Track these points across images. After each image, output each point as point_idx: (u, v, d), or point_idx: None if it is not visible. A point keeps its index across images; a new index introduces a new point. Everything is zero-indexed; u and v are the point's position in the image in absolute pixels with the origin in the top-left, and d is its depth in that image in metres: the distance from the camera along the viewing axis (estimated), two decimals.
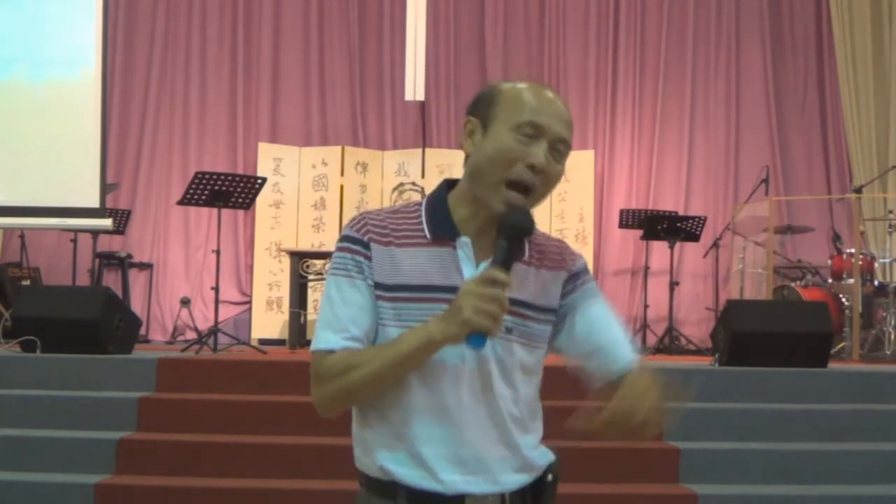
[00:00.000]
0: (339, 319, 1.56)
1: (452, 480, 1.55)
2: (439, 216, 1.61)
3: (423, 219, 1.61)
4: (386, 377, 1.53)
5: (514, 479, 1.59)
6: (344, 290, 1.57)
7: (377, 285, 1.57)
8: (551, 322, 1.64)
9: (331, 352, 1.56)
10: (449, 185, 1.67)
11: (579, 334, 1.65)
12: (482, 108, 1.60)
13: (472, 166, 1.59)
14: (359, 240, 1.59)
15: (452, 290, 1.49)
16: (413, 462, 1.55)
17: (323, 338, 1.57)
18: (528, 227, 1.54)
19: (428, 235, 1.59)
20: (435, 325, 1.48)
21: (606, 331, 1.67)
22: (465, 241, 1.58)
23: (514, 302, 1.54)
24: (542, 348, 1.64)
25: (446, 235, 1.59)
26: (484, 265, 1.54)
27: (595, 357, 1.66)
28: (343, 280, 1.58)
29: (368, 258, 1.58)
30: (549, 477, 1.63)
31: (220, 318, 6.73)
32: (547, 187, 1.57)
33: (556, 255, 1.66)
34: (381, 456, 1.57)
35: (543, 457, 1.65)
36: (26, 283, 7.58)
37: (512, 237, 1.51)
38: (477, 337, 1.46)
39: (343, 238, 1.61)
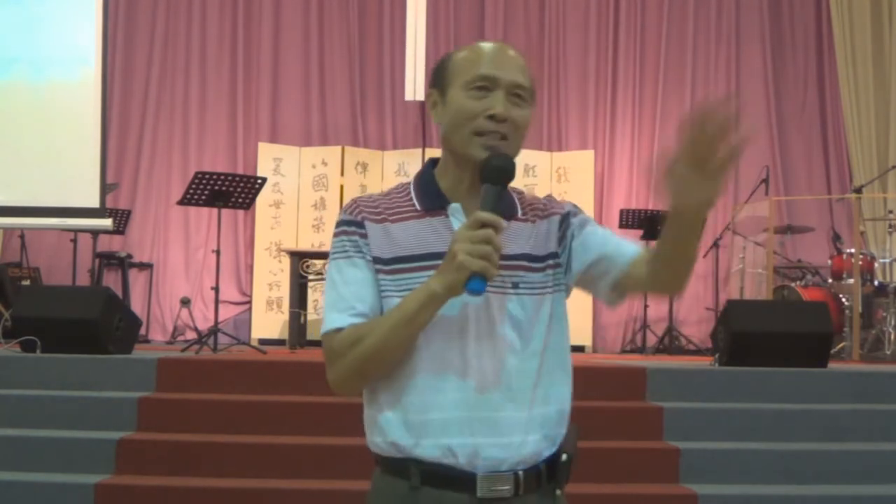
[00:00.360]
0: (344, 298, 1.58)
1: (463, 444, 1.52)
2: (427, 189, 1.64)
3: (413, 194, 1.65)
4: (395, 341, 1.53)
5: (529, 442, 1.55)
6: (344, 270, 1.60)
7: (376, 260, 1.59)
8: (555, 266, 1.63)
9: (339, 330, 1.58)
10: (434, 162, 1.70)
11: (584, 253, 1.64)
12: (438, 78, 1.64)
13: (443, 135, 1.63)
14: (353, 221, 1.62)
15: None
16: (421, 431, 1.54)
17: (330, 319, 1.60)
18: (508, 167, 1.55)
19: (419, 207, 1.62)
20: (434, 279, 1.49)
21: (606, 241, 1.66)
22: (455, 206, 1.61)
23: (515, 257, 1.57)
24: (556, 292, 1.63)
25: (436, 205, 1.62)
26: None
27: (602, 263, 1.64)
28: (342, 262, 1.60)
29: (364, 236, 1.60)
30: (564, 457, 1.60)
31: (220, 318, 6.73)
32: (517, 133, 1.59)
33: (544, 206, 1.68)
34: (391, 429, 1.57)
35: (560, 424, 1.61)
36: (26, 283, 7.58)
37: (495, 179, 1.53)
38: (476, 280, 1.45)
39: (338, 224, 1.64)
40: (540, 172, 8.46)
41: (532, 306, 1.59)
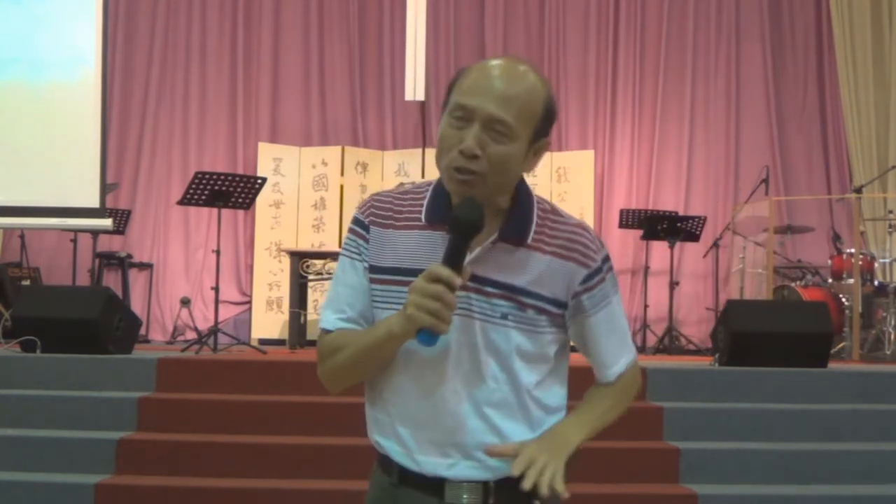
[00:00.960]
0: (337, 298, 1.62)
1: (429, 462, 1.55)
2: (439, 200, 1.59)
3: (425, 202, 1.61)
4: (364, 362, 1.57)
5: (500, 466, 1.55)
6: (346, 270, 1.63)
7: (372, 268, 1.60)
8: (554, 313, 1.57)
9: (328, 331, 1.62)
10: None
11: (579, 336, 1.66)
12: (446, 94, 1.58)
13: None
14: (361, 222, 1.62)
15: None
16: (396, 441, 1.59)
17: (323, 316, 1.64)
18: (470, 221, 1.46)
19: (423, 219, 1.59)
20: (396, 317, 1.50)
21: (596, 343, 1.66)
22: None
23: (509, 287, 1.54)
24: (547, 335, 1.58)
25: (440, 219, 1.56)
26: (479, 251, 1.52)
27: (592, 359, 1.70)
28: (346, 261, 1.63)
29: (367, 240, 1.61)
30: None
31: (220, 318, 6.73)
32: (493, 170, 1.48)
33: (570, 243, 1.58)
34: (375, 431, 1.64)
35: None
36: (26, 283, 7.58)
37: (457, 232, 1.47)
38: (425, 334, 1.45)
39: (352, 220, 1.66)
40: (540, 172, 8.45)
41: (518, 341, 1.55)
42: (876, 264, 7.40)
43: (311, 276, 7.02)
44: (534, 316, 1.55)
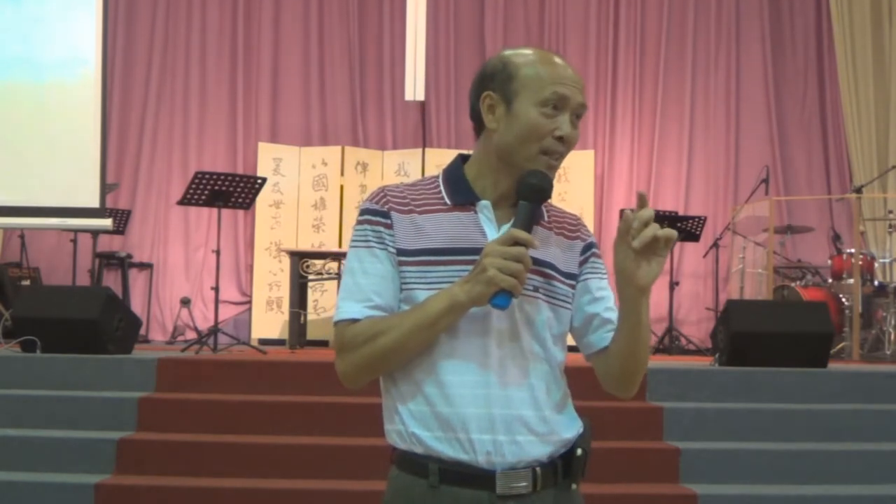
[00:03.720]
0: (362, 289, 1.58)
1: (482, 441, 1.53)
2: (458, 184, 1.65)
3: (442, 188, 1.65)
4: (413, 341, 1.53)
5: (545, 441, 1.58)
6: (365, 260, 1.59)
7: (400, 251, 1.58)
8: (572, 286, 1.67)
9: (354, 321, 1.57)
10: (463, 159, 1.70)
11: (582, 302, 1.69)
12: (500, 83, 1.62)
13: (500, 144, 1.61)
14: (378, 210, 1.61)
15: (477, 251, 1.52)
16: (441, 424, 1.54)
17: (345, 308, 1.58)
18: (548, 189, 1.59)
19: (448, 201, 1.63)
20: (459, 286, 1.50)
21: (600, 304, 1.70)
22: (485, 203, 1.62)
23: (539, 262, 1.59)
24: (567, 310, 1.66)
25: (466, 200, 1.63)
26: (506, 227, 1.57)
27: (591, 324, 1.69)
28: (363, 251, 1.60)
29: (389, 227, 1.60)
30: (579, 451, 1.62)
31: (220, 318, 6.73)
32: (569, 152, 1.64)
33: (572, 225, 1.73)
34: (411, 420, 1.56)
35: (571, 427, 1.64)
36: (26, 283, 7.58)
37: (532, 199, 1.57)
38: (502, 296, 1.49)
39: (362, 212, 1.63)
40: None
41: (547, 314, 1.61)
42: (876, 264, 7.40)
43: (311, 276, 7.02)
44: (559, 289, 1.64)
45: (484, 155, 1.65)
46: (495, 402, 1.54)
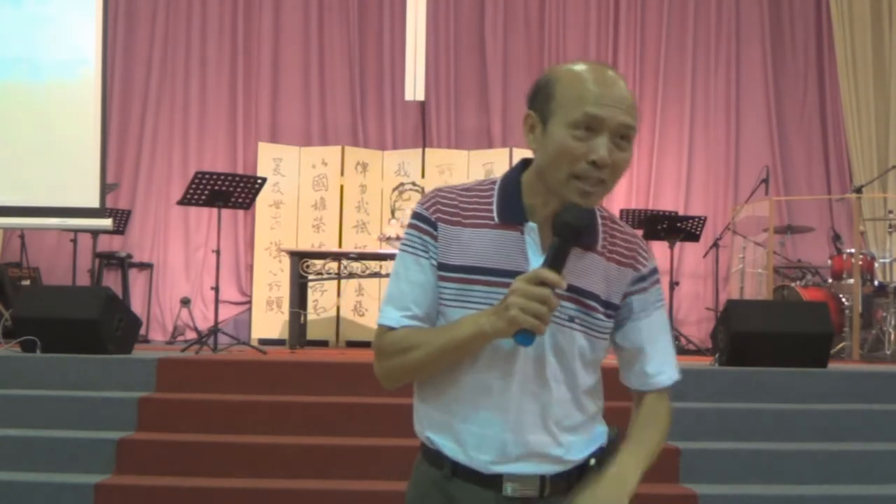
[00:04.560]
0: (403, 297, 1.60)
1: (487, 460, 1.57)
2: (510, 199, 1.60)
3: (495, 200, 1.61)
4: (440, 361, 1.57)
5: (550, 469, 1.59)
6: (410, 267, 1.60)
7: (441, 266, 1.58)
8: (612, 316, 1.63)
9: (391, 329, 1.60)
10: (525, 163, 1.64)
11: (628, 338, 1.67)
12: (540, 101, 1.56)
13: (537, 164, 1.58)
14: (427, 218, 1.60)
15: (517, 274, 1.50)
16: (453, 438, 1.59)
17: (386, 314, 1.61)
18: (582, 226, 1.51)
19: (496, 218, 1.59)
20: (486, 317, 1.50)
21: (646, 346, 1.68)
22: (531, 226, 1.58)
23: (579, 291, 1.57)
24: (604, 340, 1.63)
25: (514, 220, 1.59)
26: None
27: (632, 365, 1.70)
28: (409, 257, 1.61)
29: (435, 238, 1.59)
30: (592, 462, 1.62)
31: (220, 318, 6.73)
32: (616, 176, 1.53)
33: (626, 250, 1.64)
34: (429, 428, 1.63)
35: (589, 446, 1.64)
36: (26, 283, 7.58)
37: (565, 236, 1.50)
38: (524, 335, 1.47)
39: (414, 215, 1.63)
40: None
41: (581, 344, 1.59)
42: (876, 264, 7.40)
43: (311, 276, 7.02)
44: (597, 320, 1.60)
45: (534, 173, 1.60)
46: (509, 426, 1.57)
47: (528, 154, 1.62)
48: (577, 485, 1.60)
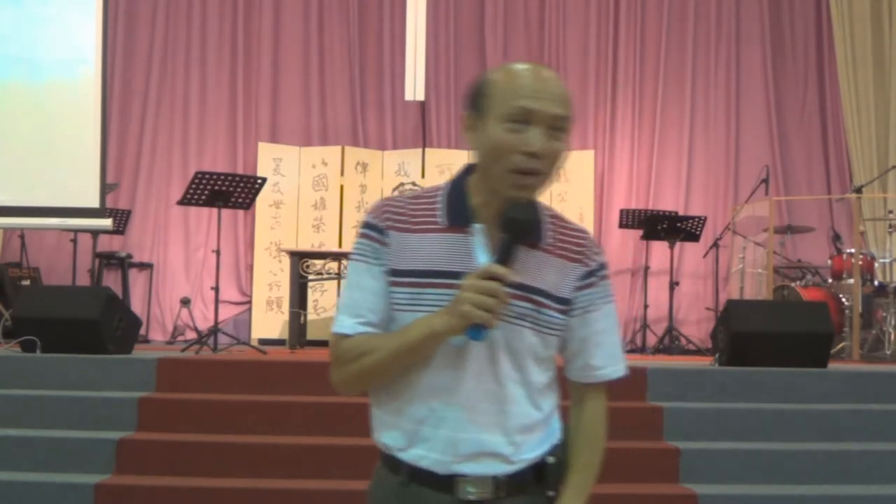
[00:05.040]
0: (357, 304, 1.62)
1: (443, 461, 1.58)
2: (456, 202, 1.63)
3: (441, 204, 1.64)
4: (394, 364, 1.59)
5: (512, 462, 1.61)
6: (362, 275, 1.62)
7: (393, 272, 1.60)
8: (565, 312, 1.64)
9: (346, 336, 1.62)
10: (470, 169, 1.68)
11: (576, 331, 1.68)
12: (475, 101, 1.60)
13: (478, 163, 1.62)
14: (377, 227, 1.63)
15: (467, 275, 1.53)
16: (408, 440, 1.60)
17: (340, 321, 1.63)
18: (526, 221, 1.56)
19: (443, 221, 1.62)
20: (439, 317, 1.53)
21: (591, 340, 1.69)
22: (478, 227, 1.60)
23: (529, 289, 1.58)
24: (555, 336, 1.64)
25: (461, 222, 1.61)
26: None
27: (577, 358, 1.70)
28: (361, 265, 1.63)
29: (385, 244, 1.61)
30: (550, 460, 1.64)
31: (220, 318, 6.73)
32: (552, 167, 1.57)
33: (576, 246, 1.66)
34: (385, 433, 1.64)
35: (543, 443, 1.65)
36: (26, 283, 7.58)
37: (512, 231, 1.54)
38: (476, 329, 1.50)
39: (363, 224, 1.65)
40: None
41: (531, 341, 1.60)
42: (876, 264, 7.40)
43: (310, 276, 7.02)
44: (548, 317, 1.61)
45: (478, 173, 1.64)
46: (462, 426, 1.58)
47: None
48: (537, 485, 1.61)
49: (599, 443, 1.71)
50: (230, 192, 6.36)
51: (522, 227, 1.55)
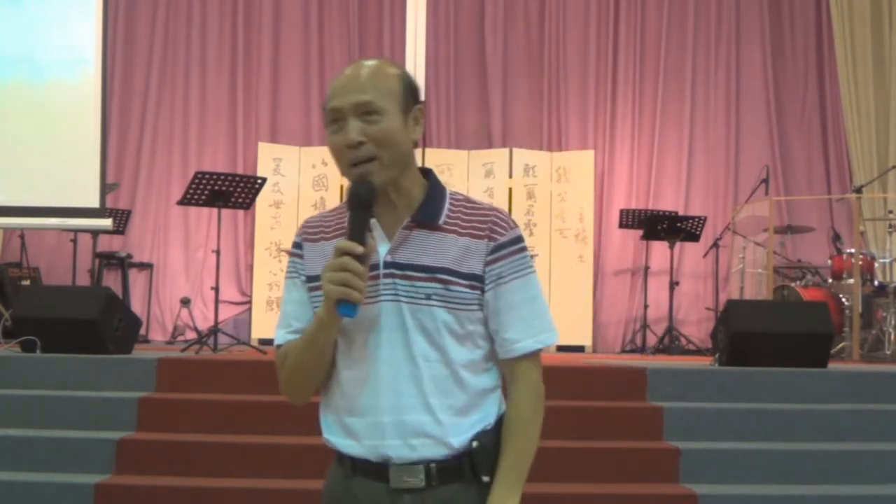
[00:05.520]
0: (285, 316, 1.75)
1: (374, 447, 1.64)
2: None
3: (346, 209, 1.70)
4: (305, 359, 1.66)
5: (439, 443, 1.62)
6: (289, 289, 1.76)
7: (309, 278, 1.71)
8: (477, 287, 1.65)
9: (279, 346, 1.74)
10: None
11: (489, 306, 1.68)
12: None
13: None
14: (295, 243, 1.77)
15: (373, 267, 1.62)
16: (342, 431, 1.68)
17: (276, 335, 1.76)
18: (363, 194, 1.60)
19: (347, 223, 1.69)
20: (320, 307, 1.61)
21: (504, 313, 1.67)
22: (373, 222, 1.65)
23: (432, 269, 1.63)
24: (472, 311, 1.65)
25: None
26: (396, 236, 1.65)
27: (496, 335, 1.69)
28: (288, 281, 1.76)
29: (301, 257, 1.74)
30: (475, 444, 1.64)
31: (220, 318, 6.73)
32: (386, 146, 1.61)
33: (481, 223, 1.67)
34: (325, 428, 1.74)
35: (473, 428, 1.65)
36: (26, 283, 7.58)
37: (356, 207, 1.60)
38: (345, 306, 1.55)
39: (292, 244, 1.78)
40: (540, 172, 8.46)
41: (444, 318, 1.63)
42: (876, 264, 7.40)
43: None
44: (458, 293, 1.64)
45: None
46: (385, 410, 1.62)
47: (528, 154, 1.65)
48: (471, 471, 1.63)
49: (525, 422, 1.67)
50: (230, 192, 6.36)
51: (362, 201, 1.59)
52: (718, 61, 9.03)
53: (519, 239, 1.69)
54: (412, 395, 1.62)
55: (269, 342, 7.69)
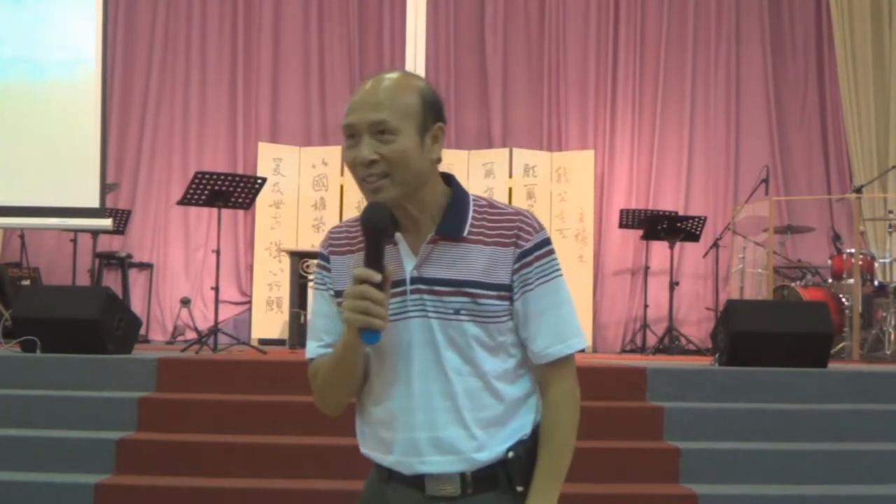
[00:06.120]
0: (316, 329, 1.74)
1: (406, 462, 1.63)
2: None
3: None
4: (334, 378, 1.67)
5: (473, 457, 1.62)
6: (318, 301, 1.75)
7: (337, 293, 1.69)
8: (506, 297, 1.64)
9: (311, 360, 1.75)
10: None
11: (518, 314, 1.66)
12: None
13: None
14: (323, 255, 1.75)
15: (398, 283, 1.61)
16: (377, 445, 1.68)
17: (307, 348, 1.76)
18: (377, 221, 1.56)
19: None
20: (346, 329, 1.60)
21: (533, 320, 1.66)
22: (398, 237, 1.65)
23: (456, 283, 1.61)
24: (502, 322, 1.64)
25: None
26: (421, 252, 1.63)
27: (528, 342, 1.68)
28: (317, 293, 1.76)
29: (328, 270, 1.73)
30: (510, 454, 1.63)
31: (220, 318, 6.73)
32: (395, 166, 1.58)
33: (507, 230, 1.64)
34: (361, 441, 1.73)
35: (507, 440, 1.64)
36: (26, 283, 7.58)
37: (370, 234, 1.56)
38: (367, 334, 1.54)
39: (317, 254, 1.78)
40: (540, 172, 8.46)
41: (473, 332, 1.62)
42: (876, 264, 7.40)
43: (311, 276, 7.02)
44: (487, 306, 1.62)
45: None
46: (420, 426, 1.62)
47: (528, 154, 1.65)
48: (503, 481, 1.63)
49: (560, 430, 1.66)
50: (230, 192, 6.36)
51: (377, 228, 1.56)
52: (718, 61, 9.03)
53: (545, 242, 1.66)
54: (446, 411, 1.61)
55: (269, 342, 7.70)
